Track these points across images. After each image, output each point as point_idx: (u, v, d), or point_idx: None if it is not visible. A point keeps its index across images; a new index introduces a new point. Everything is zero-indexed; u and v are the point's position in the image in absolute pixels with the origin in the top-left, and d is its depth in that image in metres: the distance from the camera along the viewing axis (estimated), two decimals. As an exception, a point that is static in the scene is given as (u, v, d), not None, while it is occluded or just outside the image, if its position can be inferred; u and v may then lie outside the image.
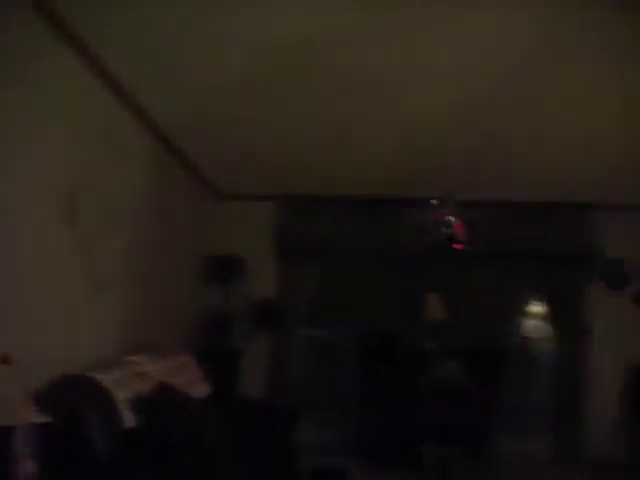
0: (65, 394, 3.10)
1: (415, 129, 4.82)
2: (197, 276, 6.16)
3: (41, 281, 3.31)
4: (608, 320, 6.23)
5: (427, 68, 3.85)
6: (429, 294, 5.99)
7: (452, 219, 5.32)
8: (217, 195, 6.54)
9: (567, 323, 6.25)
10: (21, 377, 2.49)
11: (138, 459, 3.19)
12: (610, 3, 3.06)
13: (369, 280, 6.36)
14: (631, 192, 6.02)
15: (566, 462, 6.12)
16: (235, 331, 6.13)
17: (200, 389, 4.60)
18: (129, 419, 3.32)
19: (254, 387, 6.08)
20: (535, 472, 5.91)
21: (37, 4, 3.12)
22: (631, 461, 6.08)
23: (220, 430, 4.05)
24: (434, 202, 5.32)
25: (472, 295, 6.28)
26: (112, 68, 3.81)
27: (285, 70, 3.92)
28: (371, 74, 3.95)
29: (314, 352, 6.70)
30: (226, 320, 6.11)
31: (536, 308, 6.65)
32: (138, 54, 3.71)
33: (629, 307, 6.34)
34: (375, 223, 6.33)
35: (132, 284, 4.55)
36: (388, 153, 5.27)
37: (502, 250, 6.22)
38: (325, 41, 3.55)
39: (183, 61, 3.80)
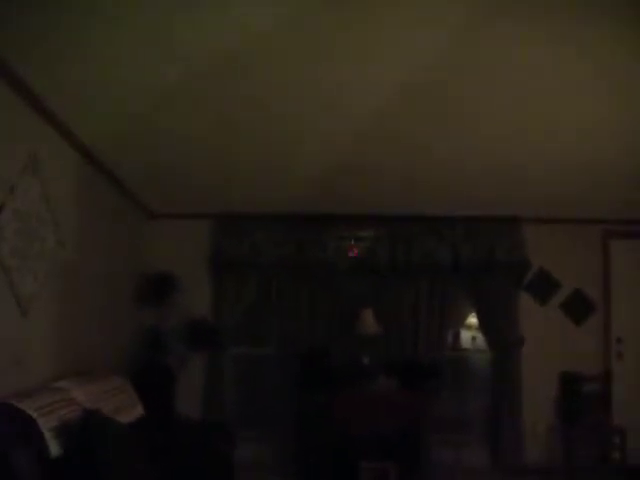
0: (-14, 424, 3.03)
1: (340, 148, 4.89)
2: (131, 295, 6.08)
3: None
4: (539, 329, 6.44)
5: (348, 84, 3.88)
6: (363, 309, 6.04)
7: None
8: (150, 214, 6.48)
9: (499, 333, 6.40)
10: None
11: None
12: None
13: (303, 297, 6.37)
14: (555, 206, 6.25)
15: (502, 471, 6.27)
16: (170, 350, 6.05)
17: (132, 412, 4.55)
18: (55, 448, 3.26)
19: (190, 407, 6.02)
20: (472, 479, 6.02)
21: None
22: (565, 467, 6.27)
23: (153, 453, 4.02)
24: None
25: (405, 309, 6.35)
26: (32, 83, 3.73)
27: (218, 87, 3.92)
28: (292, 90, 3.98)
29: (249, 370, 6.66)
30: (161, 339, 6.03)
31: (470, 320, 6.80)
32: (60, 73, 3.66)
33: (558, 315, 6.56)
34: (307, 239, 6.37)
35: (60, 305, 4.42)
36: (319, 170, 5.32)
37: (435, 263, 6.33)
38: (247, 56, 3.54)
39: (105, 78, 3.77)
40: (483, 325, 6.52)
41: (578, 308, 6.59)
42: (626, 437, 6.17)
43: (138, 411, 4.68)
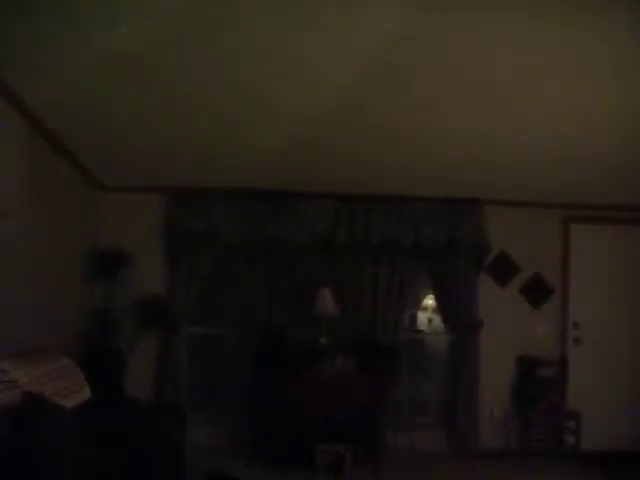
0: None
1: (303, 121, 4.71)
2: (80, 272, 5.82)
3: None
4: (497, 312, 6.39)
5: (312, 56, 3.72)
6: (320, 289, 5.89)
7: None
8: (101, 187, 6.20)
9: (458, 316, 6.33)
10: None
11: (3, 476, 2.92)
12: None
13: (259, 275, 6.19)
14: (517, 189, 6.17)
15: (459, 454, 6.24)
16: (121, 331, 5.82)
17: (79, 395, 4.32)
18: (-9, 433, 3.04)
19: (141, 389, 5.82)
20: (428, 465, 5.97)
21: None
22: (521, 451, 6.26)
23: (100, 437, 3.83)
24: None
25: (363, 289, 6.23)
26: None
27: (171, 56, 3.72)
28: (249, 58, 3.78)
29: (203, 351, 6.46)
30: (111, 318, 5.80)
31: (428, 301, 6.71)
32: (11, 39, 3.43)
33: (516, 299, 6.52)
34: (265, 217, 6.18)
35: (3, 282, 4.17)
36: (277, 146, 5.13)
37: (395, 244, 6.21)
38: (204, 23, 3.37)
39: (56, 45, 3.53)
40: (442, 307, 6.45)
41: (537, 292, 6.57)
42: (581, 422, 6.19)
43: (85, 394, 4.44)
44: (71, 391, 4.18)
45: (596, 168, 5.53)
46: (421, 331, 6.71)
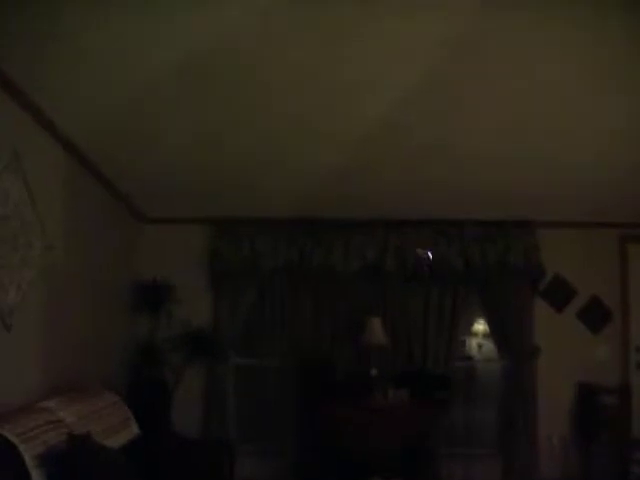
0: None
1: (349, 147, 4.62)
2: (124, 305, 5.76)
3: None
4: (554, 338, 6.13)
5: (351, 85, 3.68)
6: (370, 318, 5.71)
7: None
8: (144, 217, 6.15)
9: (513, 342, 6.09)
10: None
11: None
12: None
13: (306, 305, 6.04)
14: (570, 210, 5.94)
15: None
16: (167, 363, 5.72)
17: (126, 431, 4.22)
18: (39, 478, 2.93)
19: (188, 422, 5.70)
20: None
21: None
22: (582, 478, 5.97)
23: (150, 474, 3.72)
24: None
25: (414, 317, 6.03)
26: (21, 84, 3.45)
27: (218, 85, 3.69)
28: (291, 90, 3.75)
29: (250, 382, 6.32)
30: (156, 351, 5.71)
31: (479, 327, 6.48)
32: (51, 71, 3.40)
33: (574, 324, 6.25)
34: (312, 245, 6.05)
35: (47, 316, 4.09)
36: (323, 173, 5.03)
37: (445, 269, 6.01)
38: (247, 55, 3.32)
39: (99, 70, 3.49)
40: (495, 333, 6.21)
41: (595, 316, 6.28)
42: (647, 451, 5.87)
43: (132, 431, 4.35)
44: (118, 429, 4.09)
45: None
46: (471, 358, 6.46)
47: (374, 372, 5.63)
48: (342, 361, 5.96)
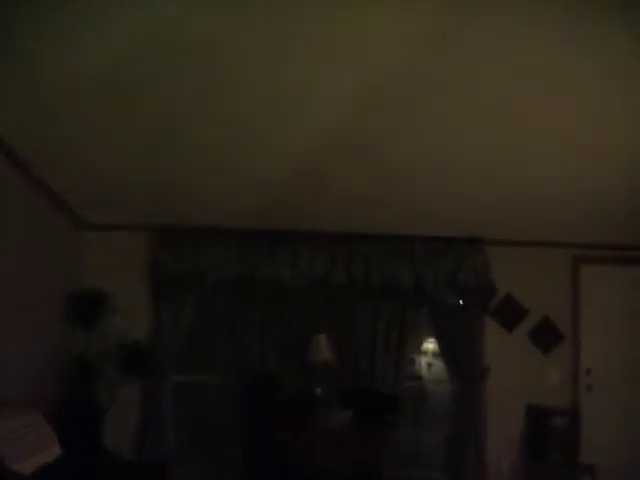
0: None
1: (297, 160, 4.42)
2: (56, 316, 5.41)
3: None
4: (504, 359, 5.99)
5: (307, 89, 3.49)
6: (316, 335, 5.49)
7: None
8: (83, 225, 5.82)
9: (462, 362, 5.92)
10: None
11: None
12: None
13: (251, 320, 5.78)
14: (522, 228, 5.83)
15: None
16: (100, 378, 5.38)
17: (45, 454, 3.89)
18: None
19: (122, 442, 5.38)
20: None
21: None
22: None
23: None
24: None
25: (362, 335, 5.82)
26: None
27: (161, 88, 3.48)
28: (244, 91, 3.54)
29: (190, 400, 6.00)
30: (90, 366, 5.37)
31: (428, 345, 6.30)
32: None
33: (524, 345, 6.13)
34: (258, 258, 5.80)
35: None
36: (272, 184, 4.83)
37: (393, 286, 5.82)
38: (194, 55, 3.12)
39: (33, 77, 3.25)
40: (445, 354, 6.04)
41: (546, 337, 6.17)
42: (596, 476, 5.74)
43: (53, 451, 4.02)
44: (36, 451, 3.76)
45: (607, 206, 5.23)
46: (420, 378, 6.27)
47: (319, 391, 5.40)
48: (288, 378, 5.71)
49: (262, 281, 5.78)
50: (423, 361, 6.26)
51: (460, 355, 5.93)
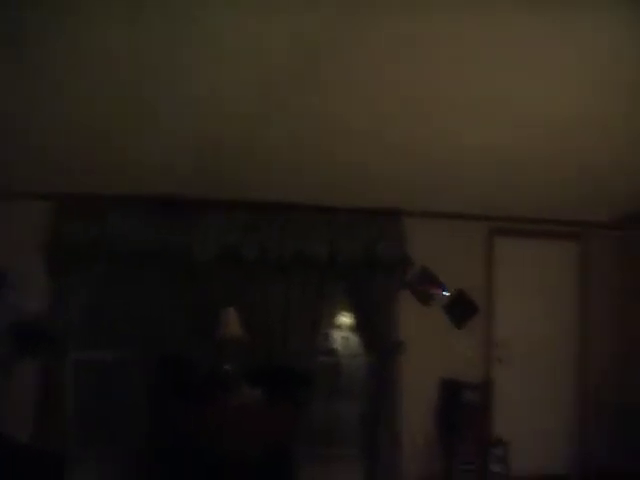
0: None
1: (215, 125, 4.12)
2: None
3: None
4: (418, 332, 5.92)
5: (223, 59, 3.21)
6: (225, 309, 5.25)
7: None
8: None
9: (377, 336, 5.81)
10: None
11: None
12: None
13: (157, 294, 5.48)
14: (439, 200, 5.74)
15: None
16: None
17: None
18: None
19: (16, 426, 5.02)
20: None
21: None
22: (445, 476, 5.80)
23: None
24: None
25: (274, 309, 5.62)
26: None
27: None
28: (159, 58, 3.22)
29: (92, 379, 5.68)
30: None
31: (345, 320, 6.17)
32: None
33: (439, 318, 6.08)
34: (166, 227, 5.49)
35: None
36: (181, 147, 4.49)
37: (308, 259, 5.64)
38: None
39: None
40: (360, 327, 5.91)
41: (460, 310, 6.13)
42: (508, 447, 5.77)
43: None
44: None
45: (522, 179, 5.19)
46: (335, 351, 6.14)
47: (228, 368, 5.19)
48: (197, 355, 5.44)
49: (170, 252, 5.48)
50: (338, 335, 6.12)
51: (375, 329, 5.82)
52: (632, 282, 6.41)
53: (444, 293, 6.07)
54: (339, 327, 6.11)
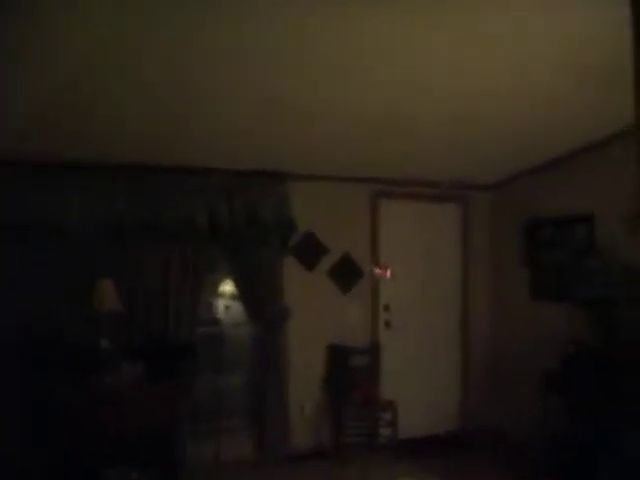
0: None
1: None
2: None
3: None
4: (304, 299, 5.78)
5: None
6: (100, 280, 4.82)
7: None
8: None
9: (262, 304, 5.59)
10: None
11: None
12: None
13: (25, 264, 4.90)
14: (323, 162, 5.58)
15: (269, 460, 5.58)
16: None
17: None
18: None
19: None
20: (236, 475, 5.28)
21: None
22: (336, 448, 5.72)
23: None
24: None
25: (154, 280, 5.24)
26: None
27: None
28: None
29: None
30: None
31: (228, 288, 5.88)
32: None
33: (325, 283, 5.95)
34: (32, 193, 4.90)
35: None
36: (40, 104, 3.98)
37: (187, 225, 5.28)
38: None
39: None
40: (244, 295, 5.66)
41: (346, 275, 6.03)
42: (397, 411, 5.75)
43: None
44: None
45: (408, 142, 5.10)
46: (219, 321, 5.85)
47: (105, 344, 4.79)
48: (72, 330, 4.92)
49: (40, 221, 4.91)
50: (221, 304, 5.84)
51: (259, 296, 5.60)
52: (499, 243, 6.59)
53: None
54: (223, 296, 5.81)
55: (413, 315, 6.32)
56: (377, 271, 5.78)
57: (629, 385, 4.33)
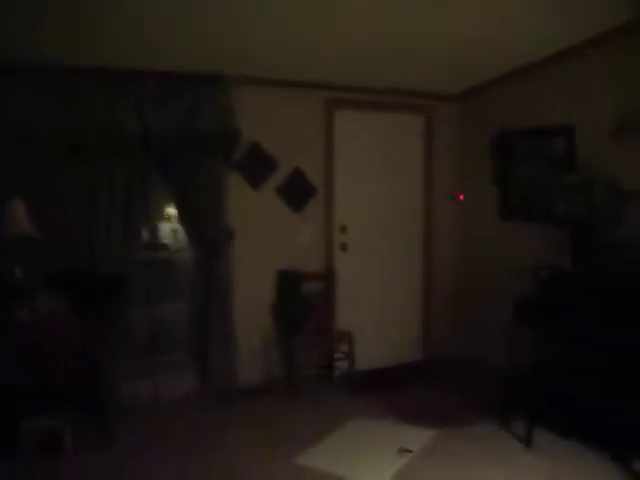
0: None
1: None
2: None
3: None
4: (251, 219, 5.20)
5: None
6: (10, 200, 4.10)
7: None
8: None
9: (203, 226, 4.96)
10: None
11: None
12: None
13: None
14: (273, 64, 4.86)
15: (213, 396, 5.08)
16: None
17: None
18: None
19: None
20: (178, 415, 4.81)
21: None
22: (287, 382, 5.26)
23: None
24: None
25: (76, 200, 4.53)
26: None
27: None
28: None
29: None
30: None
31: (166, 210, 5.23)
32: None
33: (273, 202, 5.34)
34: None
35: None
36: None
37: (116, 137, 4.55)
38: None
39: None
40: (183, 216, 5.02)
41: (297, 192, 5.41)
42: (354, 342, 5.28)
43: None
44: None
45: (363, 47, 4.52)
46: (165, 246, 5.23)
47: (18, 272, 4.12)
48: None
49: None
50: (158, 228, 5.20)
51: (199, 216, 4.95)
52: (466, 158, 6.04)
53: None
54: (158, 218, 5.15)
55: (372, 237, 5.78)
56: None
57: (610, 313, 3.89)
